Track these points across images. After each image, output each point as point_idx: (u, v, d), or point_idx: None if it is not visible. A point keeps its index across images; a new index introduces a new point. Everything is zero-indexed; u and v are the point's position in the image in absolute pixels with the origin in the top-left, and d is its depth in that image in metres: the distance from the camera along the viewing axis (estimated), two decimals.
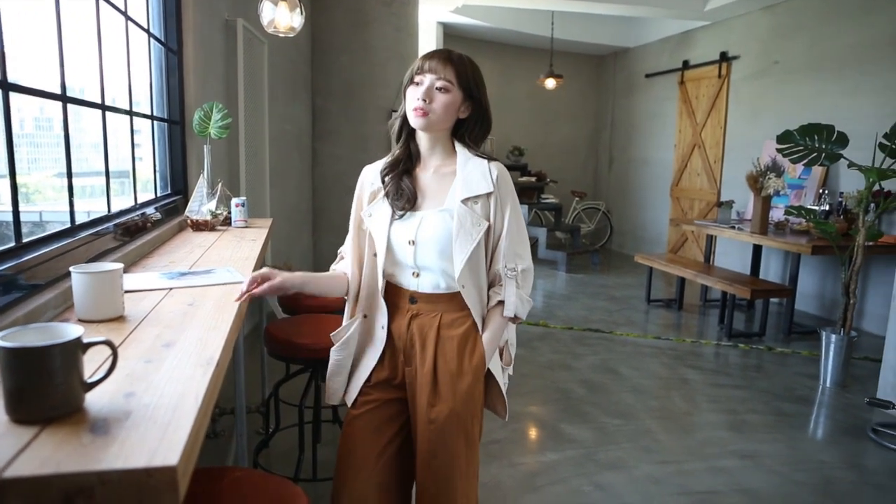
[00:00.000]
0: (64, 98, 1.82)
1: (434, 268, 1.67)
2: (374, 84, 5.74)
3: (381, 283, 1.71)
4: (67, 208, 2.30)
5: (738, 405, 3.72)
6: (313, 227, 6.02)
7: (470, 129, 1.71)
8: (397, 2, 5.85)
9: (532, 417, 3.58)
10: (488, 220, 1.66)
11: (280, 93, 5.04)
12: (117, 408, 0.95)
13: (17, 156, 1.61)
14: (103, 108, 2.14)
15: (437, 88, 1.63)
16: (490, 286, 1.72)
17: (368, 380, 1.76)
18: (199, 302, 1.59)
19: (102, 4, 2.15)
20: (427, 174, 1.73)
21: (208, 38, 3.41)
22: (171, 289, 1.72)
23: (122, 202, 2.60)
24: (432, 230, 1.66)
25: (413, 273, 1.70)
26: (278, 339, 2.35)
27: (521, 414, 3.56)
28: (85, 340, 0.96)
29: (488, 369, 1.72)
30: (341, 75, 5.82)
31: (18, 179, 1.62)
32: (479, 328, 1.69)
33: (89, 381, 0.97)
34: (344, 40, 5.77)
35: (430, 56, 1.67)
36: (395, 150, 1.75)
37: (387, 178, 1.73)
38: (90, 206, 2.37)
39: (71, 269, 1.41)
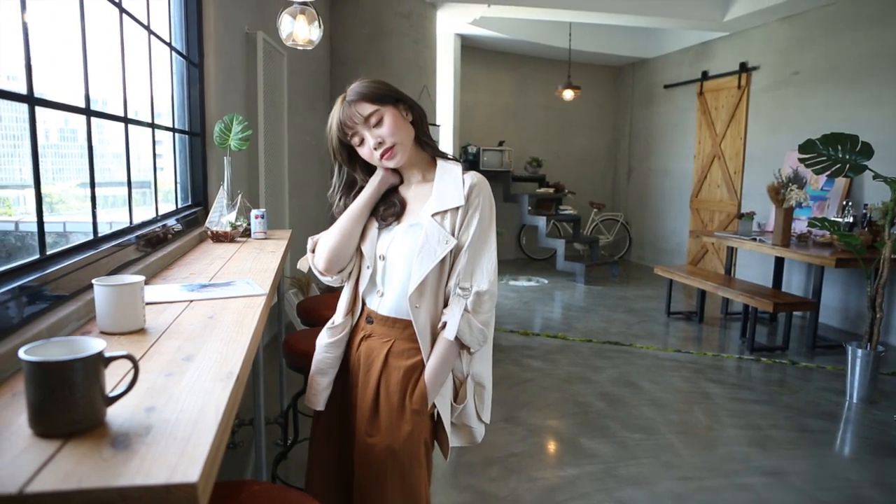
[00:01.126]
0: (88, 112, 1.84)
1: (398, 288, 1.59)
2: None
3: (346, 296, 1.73)
4: (90, 219, 2.33)
5: (761, 420, 3.65)
6: None
7: (419, 128, 1.63)
8: (415, 14, 5.89)
9: (551, 431, 3.54)
10: (455, 237, 1.54)
11: (299, 104, 5.08)
12: (138, 422, 0.95)
13: (41, 166, 1.62)
14: (126, 120, 2.16)
15: (374, 125, 1.54)
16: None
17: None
18: (219, 315, 1.59)
19: (126, 19, 2.17)
20: (409, 190, 1.67)
21: (229, 51, 3.45)
22: (191, 301, 1.73)
23: (143, 213, 2.63)
24: (401, 246, 1.59)
25: (378, 292, 1.64)
26: (297, 350, 2.35)
27: (540, 427, 3.53)
28: (106, 355, 0.96)
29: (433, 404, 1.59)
30: None
31: (44, 189, 1.64)
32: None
33: (111, 395, 0.97)
34: (362, 52, 5.80)
35: (340, 111, 1.57)
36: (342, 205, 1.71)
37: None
38: (112, 217, 2.40)
39: (93, 281, 1.42)
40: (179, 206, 2.97)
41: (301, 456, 2.92)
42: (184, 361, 1.24)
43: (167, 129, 2.79)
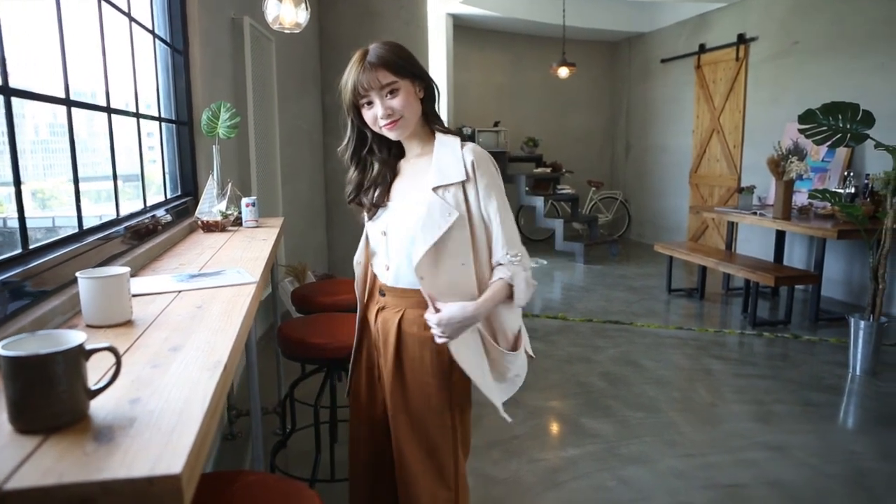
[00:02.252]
0: (68, 102, 1.79)
1: (402, 260, 1.64)
2: None
3: (358, 273, 1.80)
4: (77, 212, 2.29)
5: (765, 395, 3.63)
6: (327, 222, 6.00)
7: (429, 105, 1.64)
8: None
9: (552, 412, 3.53)
10: (459, 211, 1.56)
11: (289, 90, 5.01)
12: (122, 414, 0.93)
13: (31, 162, 1.59)
14: (109, 110, 2.12)
15: (388, 94, 1.56)
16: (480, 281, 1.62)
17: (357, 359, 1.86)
18: (207, 304, 1.56)
19: (105, 6, 2.11)
20: (409, 164, 1.71)
21: (214, 38, 3.38)
22: (179, 291, 1.69)
23: (134, 205, 2.59)
24: (401, 220, 1.64)
25: (385, 266, 1.70)
26: (292, 339, 2.32)
27: (541, 409, 3.51)
28: (88, 347, 0.94)
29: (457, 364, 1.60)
30: None
31: (35, 185, 1.61)
32: None
33: (94, 388, 0.95)
34: (352, 35, 5.72)
35: (360, 72, 1.55)
36: (353, 173, 1.73)
37: (351, 198, 1.75)
38: (105, 210, 2.37)
39: (77, 274, 1.40)
40: (169, 196, 2.93)
41: (300, 445, 2.91)
42: (170, 352, 1.21)
43: (153, 118, 2.74)
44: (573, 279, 6.86)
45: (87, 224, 1.99)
